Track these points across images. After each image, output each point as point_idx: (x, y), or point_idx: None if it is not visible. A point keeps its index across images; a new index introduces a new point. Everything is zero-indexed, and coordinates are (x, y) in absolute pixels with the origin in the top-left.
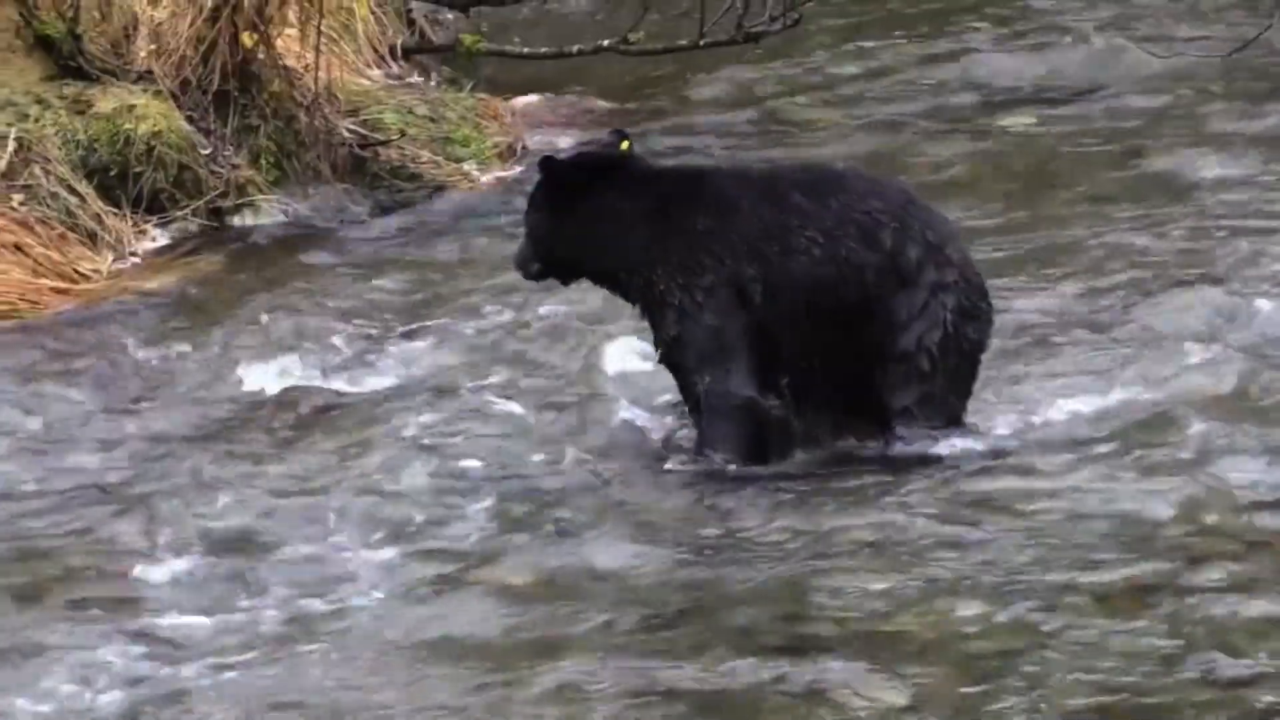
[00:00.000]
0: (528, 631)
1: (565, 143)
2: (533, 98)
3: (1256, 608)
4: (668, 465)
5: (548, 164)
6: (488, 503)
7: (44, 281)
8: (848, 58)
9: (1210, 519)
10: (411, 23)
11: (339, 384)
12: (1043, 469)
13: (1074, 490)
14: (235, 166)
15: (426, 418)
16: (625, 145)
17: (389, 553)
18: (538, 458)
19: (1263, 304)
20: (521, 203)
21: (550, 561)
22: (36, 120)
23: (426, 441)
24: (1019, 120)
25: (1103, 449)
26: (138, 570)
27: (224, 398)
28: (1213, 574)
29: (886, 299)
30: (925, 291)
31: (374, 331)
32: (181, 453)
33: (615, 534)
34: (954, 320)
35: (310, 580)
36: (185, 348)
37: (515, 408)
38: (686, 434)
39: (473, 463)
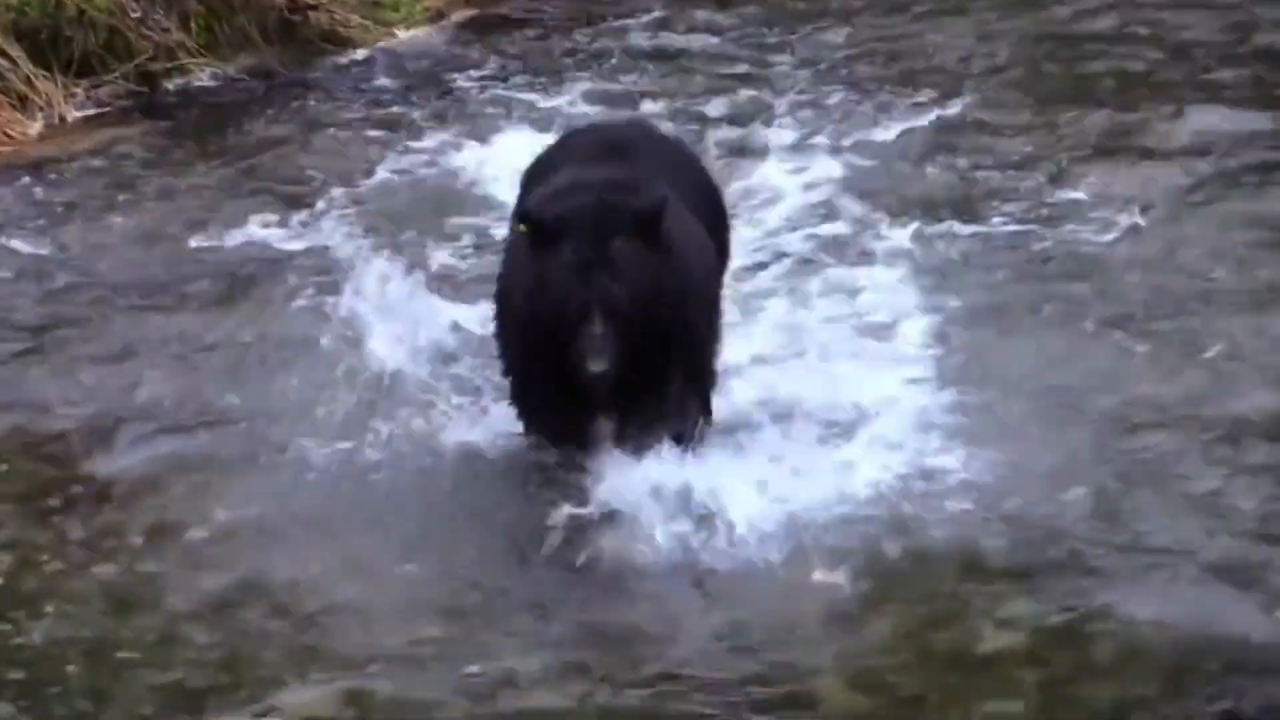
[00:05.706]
0: None
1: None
2: None
3: None
4: None
5: None
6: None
7: None
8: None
9: None
10: None
11: (267, 246)
12: None
13: None
14: (165, 30)
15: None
16: None
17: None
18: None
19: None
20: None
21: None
22: None
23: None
24: None
25: None
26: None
27: (154, 258)
28: None
29: None
30: None
31: (302, 193)
32: (114, 310)
33: None
34: None
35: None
36: (115, 208)
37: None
38: None
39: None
